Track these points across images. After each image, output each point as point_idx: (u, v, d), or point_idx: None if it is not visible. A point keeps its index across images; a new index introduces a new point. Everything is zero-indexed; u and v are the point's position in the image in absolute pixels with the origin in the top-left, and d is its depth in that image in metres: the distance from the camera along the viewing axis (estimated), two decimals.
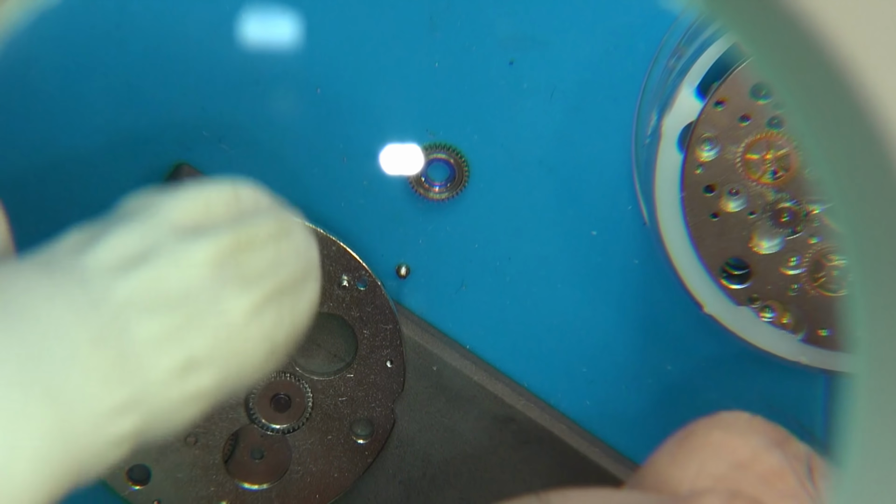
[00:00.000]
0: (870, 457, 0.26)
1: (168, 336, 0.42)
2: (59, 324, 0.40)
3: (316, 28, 0.53)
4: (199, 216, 0.44)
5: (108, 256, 0.42)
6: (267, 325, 0.44)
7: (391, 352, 0.56)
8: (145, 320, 0.41)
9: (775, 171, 0.50)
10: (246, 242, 0.44)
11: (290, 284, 0.45)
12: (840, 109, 0.25)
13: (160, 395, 0.42)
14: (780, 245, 0.51)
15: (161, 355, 0.42)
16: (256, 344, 0.44)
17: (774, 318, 0.52)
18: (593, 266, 0.56)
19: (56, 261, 0.42)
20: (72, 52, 0.53)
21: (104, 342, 0.41)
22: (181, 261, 0.43)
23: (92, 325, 0.41)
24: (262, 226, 0.45)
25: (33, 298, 0.40)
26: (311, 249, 0.47)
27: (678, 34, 0.52)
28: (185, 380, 0.42)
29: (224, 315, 0.43)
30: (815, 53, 0.25)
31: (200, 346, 0.42)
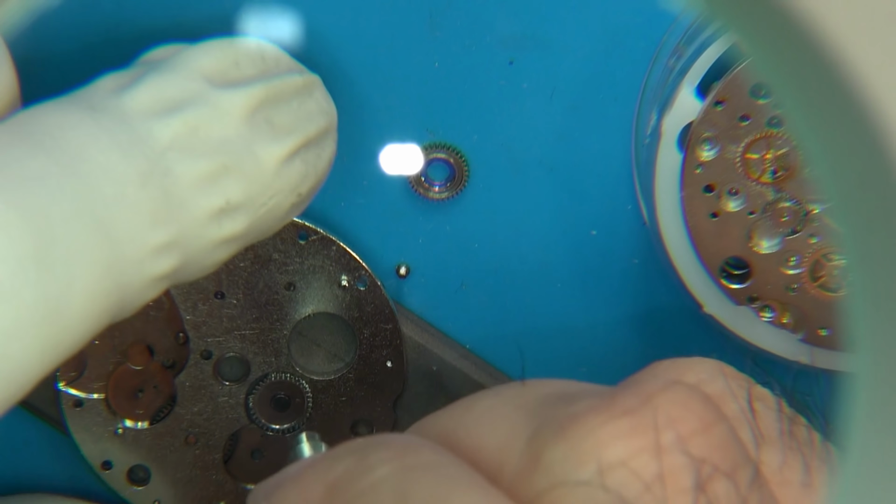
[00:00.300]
0: (870, 457, 0.26)
1: (208, 179, 0.43)
2: (108, 162, 0.41)
3: (316, 28, 0.53)
4: (229, 69, 0.45)
5: (146, 100, 0.43)
6: (294, 175, 0.46)
7: (391, 352, 0.56)
8: (187, 163, 0.42)
9: (775, 171, 0.50)
10: (276, 95, 0.46)
11: (314, 138, 0.47)
12: (839, 108, 0.25)
13: (198, 238, 0.43)
14: (780, 245, 0.51)
15: (201, 198, 0.43)
16: (285, 194, 0.45)
17: (774, 317, 0.52)
18: (593, 265, 0.56)
19: (97, 102, 0.43)
20: (72, 52, 0.53)
21: (150, 182, 0.41)
22: (218, 109, 0.44)
23: (138, 165, 0.41)
24: (290, 81, 0.46)
25: (80, 136, 0.41)
26: (331, 106, 0.49)
27: (678, 34, 0.52)
28: (221, 223, 0.43)
29: (258, 163, 0.44)
30: (814, 52, 0.25)
31: (236, 191, 0.44)
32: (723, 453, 0.32)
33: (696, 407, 0.32)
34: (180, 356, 0.56)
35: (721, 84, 0.49)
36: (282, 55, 0.48)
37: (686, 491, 0.31)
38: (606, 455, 0.31)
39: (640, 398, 0.32)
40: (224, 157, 0.43)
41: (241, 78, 0.45)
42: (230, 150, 0.44)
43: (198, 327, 0.55)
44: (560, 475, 0.31)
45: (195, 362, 0.55)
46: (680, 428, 0.32)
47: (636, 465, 0.31)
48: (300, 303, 0.55)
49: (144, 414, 0.56)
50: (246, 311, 0.55)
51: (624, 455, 0.31)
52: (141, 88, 0.43)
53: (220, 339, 0.55)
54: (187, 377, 0.56)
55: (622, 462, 0.31)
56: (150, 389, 0.56)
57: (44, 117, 0.42)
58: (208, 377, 0.56)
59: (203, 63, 0.45)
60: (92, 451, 0.57)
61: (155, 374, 0.56)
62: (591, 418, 0.32)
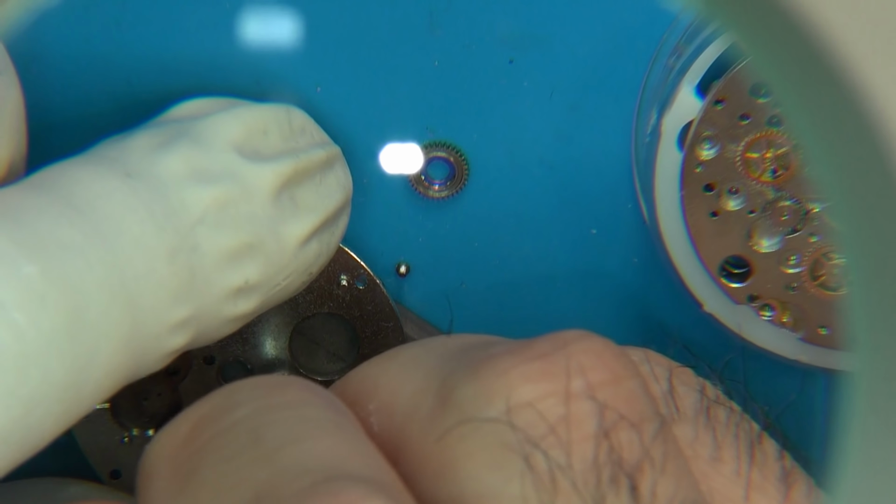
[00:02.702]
0: (869, 456, 0.26)
1: (231, 258, 0.43)
2: (142, 235, 0.41)
3: (316, 28, 0.53)
4: (258, 139, 0.45)
5: (180, 168, 0.43)
6: (310, 256, 0.45)
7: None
8: (214, 239, 0.42)
9: (775, 170, 0.50)
10: (302, 171, 0.45)
11: (332, 217, 0.46)
12: (839, 107, 0.25)
13: (212, 315, 0.43)
14: (780, 244, 0.51)
15: (223, 276, 0.42)
16: (298, 274, 0.45)
17: (774, 316, 0.52)
18: (592, 264, 0.56)
19: (132, 167, 0.42)
20: (72, 52, 0.53)
21: (178, 258, 0.41)
22: (247, 185, 0.43)
23: (169, 240, 0.41)
24: (315, 157, 0.46)
25: (117, 206, 0.41)
26: (349, 180, 0.49)
27: (678, 33, 0.52)
28: (236, 302, 0.43)
29: (280, 243, 0.44)
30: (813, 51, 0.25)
31: (255, 271, 0.43)
32: (630, 405, 0.32)
33: (609, 358, 0.33)
34: (183, 362, 0.56)
35: (721, 83, 0.49)
36: (308, 122, 0.48)
37: (589, 437, 0.31)
38: (515, 395, 0.32)
39: (555, 344, 0.33)
40: (249, 235, 0.43)
41: (269, 149, 0.45)
42: (255, 230, 0.43)
43: None
44: (468, 412, 0.32)
45: (198, 368, 0.55)
46: (590, 376, 0.32)
47: (543, 407, 0.31)
48: (300, 304, 0.55)
49: (150, 421, 0.56)
50: None
51: (532, 397, 0.32)
52: (175, 154, 0.43)
53: (221, 344, 0.55)
54: (191, 383, 0.55)
55: (530, 403, 0.31)
56: (155, 397, 0.56)
57: (79, 180, 0.41)
58: (212, 382, 0.56)
59: (234, 132, 0.44)
60: (100, 460, 0.56)
61: (159, 382, 0.56)
62: (504, 360, 0.32)
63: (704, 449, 0.34)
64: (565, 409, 0.31)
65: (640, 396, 0.33)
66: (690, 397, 0.36)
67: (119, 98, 0.54)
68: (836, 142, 0.25)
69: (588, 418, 0.31)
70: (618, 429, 0.31)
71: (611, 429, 0.31)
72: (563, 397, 0.32)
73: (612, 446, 0.31)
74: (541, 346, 0.33)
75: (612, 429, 0.31)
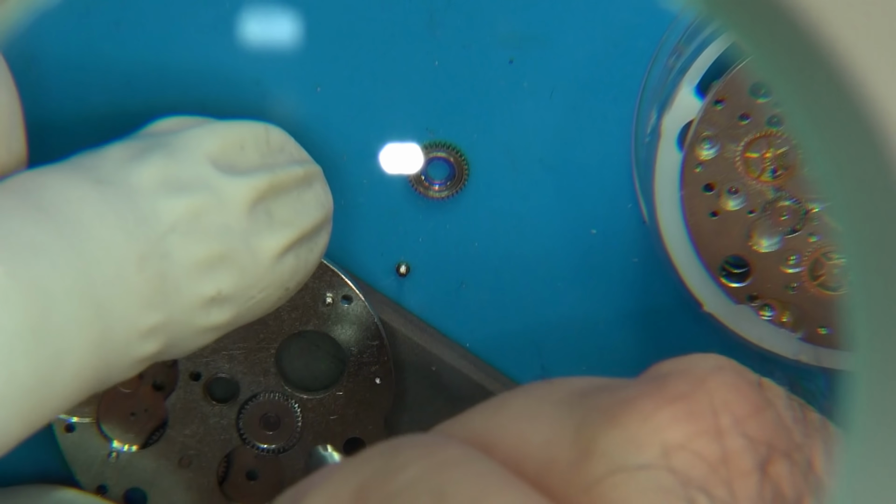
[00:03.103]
0: (870, 456, 0.26)
1: (204, 267, 0.43)
2: (111, 241, 0.41)
3: (316, 28, 0.53)
4: (235, 153, 0.45)
5: (153, 177, 0.43)
6: (287, 271, 0.45)
7: (379, 368, 0.55)
8: (186, 247, 0.42)
9: (775, 170, 0.50)
10: (278, 186, 0.45)
11: (309, 233, 0.46)
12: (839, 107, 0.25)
13: (184, 324, 0.43)
14: (780, 243, 0.51)
15: (195, 285, 0.42)
16: (274, 289, 0.45)
17: (774, 316, 0.52)
18: (592, 264, 0.56)
19: (104, 175, 0.42)
20: (72, 52, 0.53)
21: (148, 264, 0.41)
22: (222, 197, 0.43)
23: (139, 247, 0.41)
24: (293, 172, 0.46)
25: (86, 211, 0.41)
26: (329, 198, 0.49)
27: (678, 33, 0.52)
28: (209, 312, 0.43)
29: (254, 256, 0.44)
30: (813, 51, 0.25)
31: (229, 282, 0.43)
32: (777, 435, 0.32)
33: (747, 390, 0.32)
34: (169, 378, 0.56)
35: (721, 83, 0.49)
36: (287, 140, 0.48)
37: (750, 472, 0.31)
38: (667, 438, 0.31)
39: (692, 383, 0.32)
40: (222, 246, 0.43)
41: (245, 163, 0.45)
42: (229, 240, 0.43)
43: None
44: (619, 460, 0.31)
45: (185, 384, 0.55)
46: (735, 411, 0.32)
47: (698, 448, 0.31)
48: (285, 321, 0.55)
49: (137, 437, 0.56)
50: (233, 331, 0.55)
51: (684, 438, 0.31)
52: (148, 165, 0.43)
53: (208, 360, 0.55)
54: (178, 399, 0.55)
55: (682, 445, 0.31)
56: (142, 413, 0.56)
57: (50, 185, 0.41)
58: (198, 398, 0.56)
59: (210, 145, 0.45)
60: (86, 475, 0.56)
61: (145, 397, 0.56)
62: (644, 403, 0.32)
63: (819, 459, 0.33)
64: (720, 447, 0.31)
65: (781, 425, 0.32)
66: (781, 406, 0.35)
67: (119, 98, 0.54)
68: (835, 141, 0.25)
69: (744, 454, 0.31)
70: (773, 462, 0.31)
71: (767, 463, 0.31)
72: (715, 435, 0.31)
73: (773, 481, 0.30)
74: (678, 386, 0.32)
75: (769, 462, 0.31)
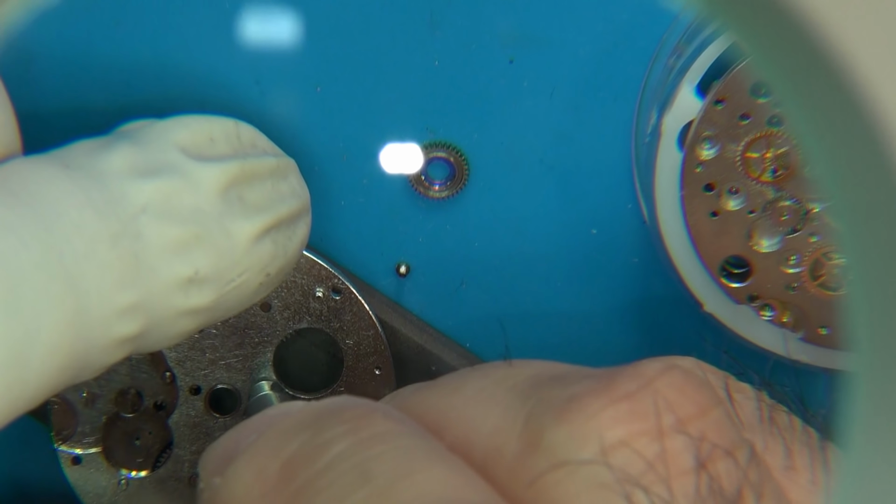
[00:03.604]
0: (870, 456, 0.26)
1: (178, 247, 0.43)
2: (80, 219, 0.41)
3: (316, 28, 0.53)
4: (204, 144, 0.45)
5: (122, 163, 0.43)
6: (265, 255, 0.46)
7: (377, 358, 0.55)
8: (159, 228, 0.42)
9: (775, 170, 0.50)
10: (250, 174, 0.46)
11: (286, 220, 0.47)
12: (839, 107, 0.25)
13: (164, 305, 0.43)
14: (780, 244, 0.51)
15: (170, 265, 0.43)
16: (254, 273, 0.45)
17: (774, 316, 0.52)
18: (593, 264, 0.56)
19: (71, 161, 0.43)
20: (72, 52, 0.53)
21: (121, 243, 0.42)
22: (192, 180, 0.44)
23: (110, 225, 0.42)
24: (265, 162, 0.47)
25: (53, 191, 0.41)
26: (305, 190, 0.49)
27: (678, 32, 0.52)
28: (188, 294, 0.43)
29: (229, 238, 0.44)
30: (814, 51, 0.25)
31: (205, 263, 0.44)
32: (720, 433, 0.32)
33: (693, 390, 0.33)
34: (170, 396, 0.55)
35: (721, 83, 0.49)
36: (258, 136, 0.48)
37: (688, 471, 0.31)
38: (608, 436, 0.32)
39: (639, 382, 0.33)
40: (196, 227, 0.43)
41: (215, 154, 0.46)
42: (202, 222, 0.44)
43: (182, 363, 0.55)
44: (562, 455, 0.32)
45: (185, 400, 0.55)
46: (679, 411, 0.33)
47: (638, 446, 0.32)
48: (279, 322, 0.55)
49: (144, 461, 0.56)
50: (227, 339, 0.55)
51: (625, 436, 0.32)
52: (116, 152, 0.43)
53: (205, 372, 0.55)
54: (180, 417, 0.55)
55: (623, 443, 0.32)
56: (146, 435, 0.56)
57: (18, 170, 0.42)
58: (201, 413, 0.55)
59: (179, 136, 0.45)
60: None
61: (148, 419, 0.56)
62: (591, 401, 0.33)
63: (776, 459, 0.34)
64: (660, 446, 0.32)
65: (727, 423, 0.33)
66: (748, 406, 0.36)
67: (118, 98, 0.54)
68: (836, 141, 0.25)
69: (684, 452, 0.32)
70: (714, 459, 0.32)
71: (707, 460, 0.31)
72: (655, 435, 0.32)
73: (712, 477, 0.31)
74: (625, 385, 0.33)
75: (709, 460, 0.31)
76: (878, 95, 0.24)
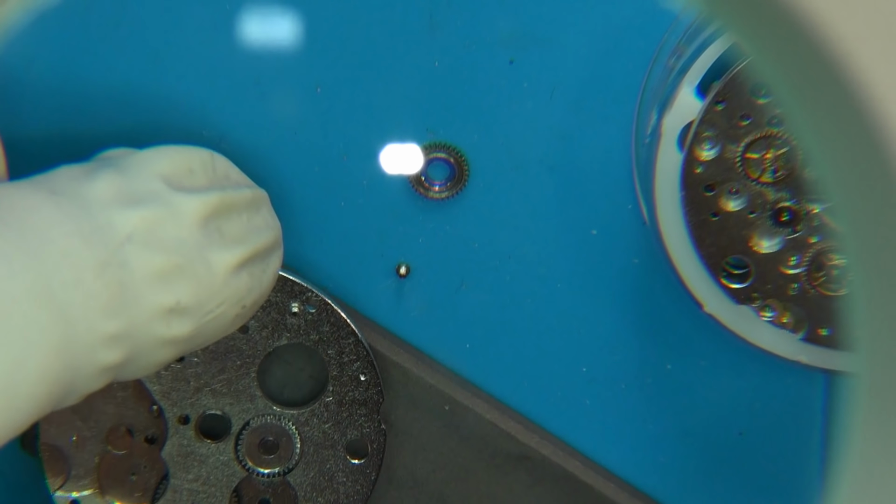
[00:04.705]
0: (870, 456, 0.26)
1: (162, 277, 0.44)
2: (69, 247, 0.41)
3: (316, 28, 0.53)
4: (184, 175, 0.46)
5: (107, 191, 0.44)
6: (242, 287, 0.46)
7: (361, 364, 0.55)
8: (144, 257, 0.43)
9: (775, 171, 0.50)
10: (228, 206, 0.47)
11: (262, 253, 0.47)
12: (839, 108, 0.25)
13: (146, 334, 0.44)
14: (780, 244, 0.51)
15: (154, 294, 0.43)
16: (231, 304, 0.46)
17: (774, 317, 0.52)
18: (593, 265, 0.56)
19: (57, 187, 0.43)
20: (72, 52, 0.53)
21: (107, 271, 0.42)
22: (175, 210, 0.45)
23: (97, 253, 0.42)
24: (242, 194, 0.47)
25: (42, 220, 0.41)
26: (277, 222, 0.50)
27: (678, 33, 0.52)
28: (169, 323, 0.44)
29: (209, 268, 0.45)
30: (813, 52, 0.25)
31: (187, 293, 0.44)
32: None
33: None
34: (160, 428, 0.55)
35: (721, 83, 0.49)
36: (232, 168, 0.49)
37: None
38: None
39: None
40: (178, 257, 0.44)
41: (194, 185, 0.46)
42: (184, 252, 0.44)
43: (167, 395, 0.55)
44: None
45: (175, 430, 0.55)
46: None
47: None
48: (259, 342, 0.55)
49: (143, 496, 0.56)
50: (209, 365, 0.55)
51: None
52: (101, 179, 0.44)
53: (192, 401, 0.55)
54: (172, 447, 0.55)
55: None
56: (141, 470, 0.56)
57: (4, 196, 0.42)
58: (192, 441, 0.55)
59: (161, 165, 0.46)
60: None
61: (141, 454, 0.56)
62: None
63: None
64: None
65: None
66: None
67: (118, 98, 0.54)
68: (836, 142, 0.25)
69: None
70: None
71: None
72: None
73: None
74: None
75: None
76: (878, 96, 0.24)
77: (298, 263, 0.56)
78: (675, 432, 0.57)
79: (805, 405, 0.57)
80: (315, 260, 0.56)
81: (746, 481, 0.58)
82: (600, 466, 0.58)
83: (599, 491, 0.57)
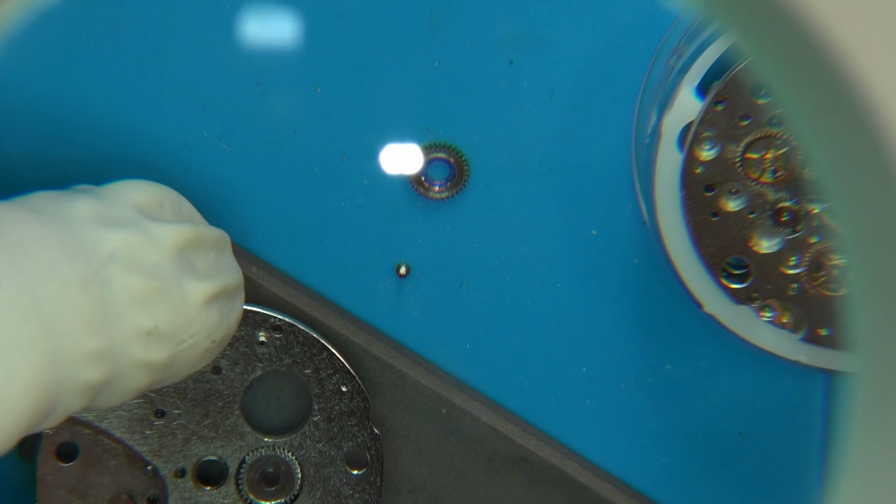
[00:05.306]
0: (870, 455, 0.26)
1: (142, 299, 0.44)
2: (52, 262, 0.42)
3: (316, 28, 0.53)
4: (155, 208, 0.47)
5: (87, 211, 0.45)
6: (212, 320, 0.47)
7: (339, 376, 0.55)
8: (125, 277, 0.44)
9: (775, 171, 0.50)
10: (201, 239, 0.48)
11: (230, 291, 0.49)
12: (839, 108, 0.25)
13: (125, 354, 0.44)
14: (780, 244, 0.51)
15: (134, 315, 0.44)
16: (203, 336, 0.47)
17: (774, 317, 0.52)
18: (593, 265, 0.56)
19: (38, 206, 0.44)
20: (72, 52, 0.53)
21: (91, 287, 0.42)
22: (152, 237, 0.46)
23: (80, 269, 0.43)
24: (210, 231, 0.49)
25: (25, 235, 0.42)
26: (239, 268, 0.51)
27: (678, 33, 0.52)
28: (147, 347, 0.45)
29: (184, 297, 0.46)
30: (813, 52, 0.25)
31: (164, 318, 0.45)
32: None
33: None
34: (158, 487, 0.55)
35: (721, 83, 0.49)
36: (194, 211, 0.50)
37: None
38: None
39: None
40: (157, 282, 0.45)
41: (164, 218, 0.47)
42: (162, 278, 0.45)
43: (158, 453, 0.55)
44: None
45: (174, 485, 0.55)
46: None
47: None
48: (235, 379, 0.55)
49: None
50: (192, 414, 0.55)
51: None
52: (80, 202, 0.44)
53: (183, 453, 0.55)
54: (175, 502, 0.55)
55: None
56: None
57: None
58: (193, 492, 0.55)
59: (135, 195, 0.47)
60: None
61: None
62: None
63: None
64: None
65: None
66: None
67: (118, 98, 0.54)
68: (836, 142, 0.25)
69: None
70: None
71: None
72: None
73: None
74: None
75: None
76: (878, 96, 0.24)
77: (298, 264, 0.56)
78: (675, 432, 0.57)
79: (805, 405, 0.57)
80: (315, 260, 0.56)
81: (746, 481, 0.58)
82: (598, 468, 0.58)
83: (597, 492, 0.57)
